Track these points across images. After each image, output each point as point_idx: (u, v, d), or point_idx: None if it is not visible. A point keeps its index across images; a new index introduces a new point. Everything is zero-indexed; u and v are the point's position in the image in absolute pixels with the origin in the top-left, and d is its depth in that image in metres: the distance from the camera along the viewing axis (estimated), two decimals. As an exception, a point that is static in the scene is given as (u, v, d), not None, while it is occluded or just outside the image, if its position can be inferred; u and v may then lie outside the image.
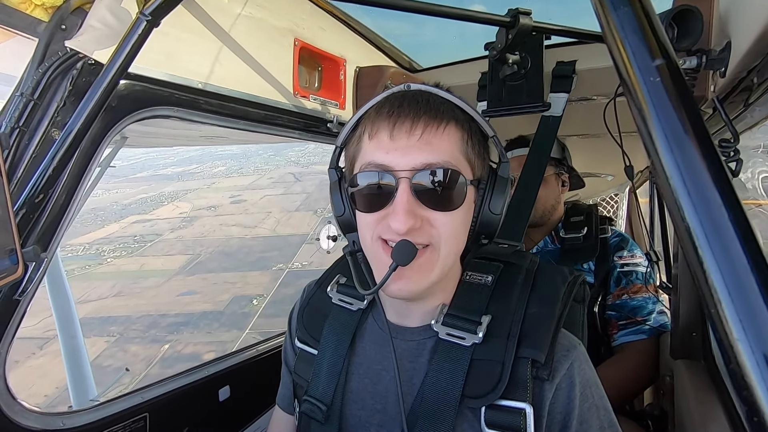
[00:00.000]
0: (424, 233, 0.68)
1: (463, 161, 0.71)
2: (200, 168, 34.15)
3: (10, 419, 0.91)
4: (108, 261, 16.35)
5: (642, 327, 1.54)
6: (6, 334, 0.88)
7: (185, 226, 19.48)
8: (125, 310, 11.88)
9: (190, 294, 12.59)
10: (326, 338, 0.84)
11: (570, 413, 0.69)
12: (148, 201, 24.80)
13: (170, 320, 11.02)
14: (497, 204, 0.73)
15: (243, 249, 15.95)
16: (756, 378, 0.29)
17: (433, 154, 0.67)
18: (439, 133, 0.68)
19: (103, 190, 27.25)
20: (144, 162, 38.97)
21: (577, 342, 0.75)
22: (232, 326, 10.41)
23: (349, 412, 0.80)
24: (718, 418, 1.03)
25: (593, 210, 1.75)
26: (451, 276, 0.78)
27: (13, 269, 0.70)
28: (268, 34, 1.30)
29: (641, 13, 0.39)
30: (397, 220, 0.65)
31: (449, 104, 0.72)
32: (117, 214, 22.61)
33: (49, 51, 0.86)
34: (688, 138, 0.35)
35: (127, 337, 10.59)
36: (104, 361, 9.65)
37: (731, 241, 0.32)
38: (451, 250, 0.71)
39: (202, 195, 25.19)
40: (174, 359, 8.94)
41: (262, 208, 21.31)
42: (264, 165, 32.52)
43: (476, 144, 0.73)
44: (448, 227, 0.69)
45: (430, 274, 0.69)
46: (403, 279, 0.69)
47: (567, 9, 1.36)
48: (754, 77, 0.86)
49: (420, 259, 0.68)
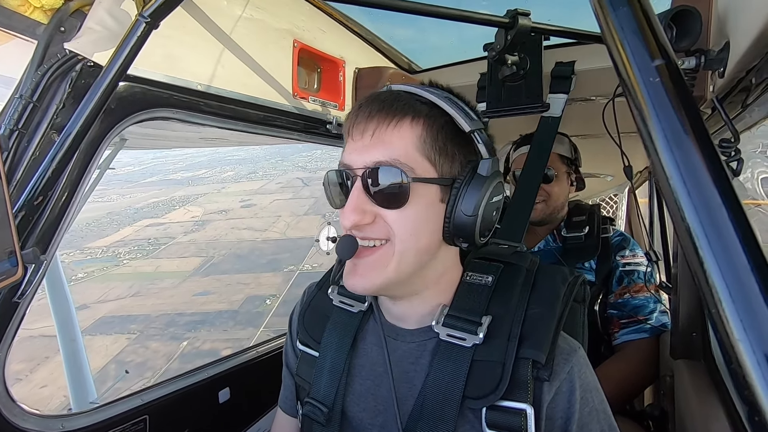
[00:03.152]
0: (379, 229, 0.69)
1: (419, 158, 0.68)
2: (209, 173, 34.59)
3: (9, 422, 0.91)
4: (124, 263, 16.66)
5: (643, 326, 1.54)
6: (5, 337, 0.88)
7: (198, 230, 19.85)
8: (144, 310, 12.19)
9: (205, 294, 12.85)
10: (327, 340, 0.84)
11: (570, 417, 0.68)
12: (159, 205, 25.22)
13: (187, 319, 11.31)
14: (469, 203, 0.69)
15: (255, 251, 16.23)
16: (757, 378, 0.29)
17: (383, 152, 0.68)
18: (389, 131, 0.68)
19: (118, 195, 27.81)
20: (153, 167, 39.49)
21: (577, 346, 0.75)
22: (247, 324, 10.64)
23: (351, 414, 0.79)
24: (718, 418, 1.03)
25: (595, 210, 1.76)
26: (441, 275, 0.77)
27: (13, 271, 0.70)
28: (268, 36, 1.31)
29: (640, 13, 0.39)
30: (343, 215, 0.69)
31: (411, 102, 0.70)
32: (130, 217, 23.06)
33: (48, 53, 0.86)
34: (688, 138, 0.35)
35: (147, 334, 10.87)
36: (127, 357, 9.92)
37: (732, 241, 0.32)
38: (409, 246, 0.69)
39: (213, 199, 25.61)
40: (193, 355, 9.19)
41: (272, 212, 21.65)
42: (272, 170, 32.84)
43: (442, 140, 0.70)
44: (400, 224, 0.68)
45: (384, 270, 0.69)
46: (357, 275, 0.70)
47: (566, 10, 1.36)
48: (752, 77, 0.86)
49: (374, 254, 0.69)
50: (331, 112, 1.58)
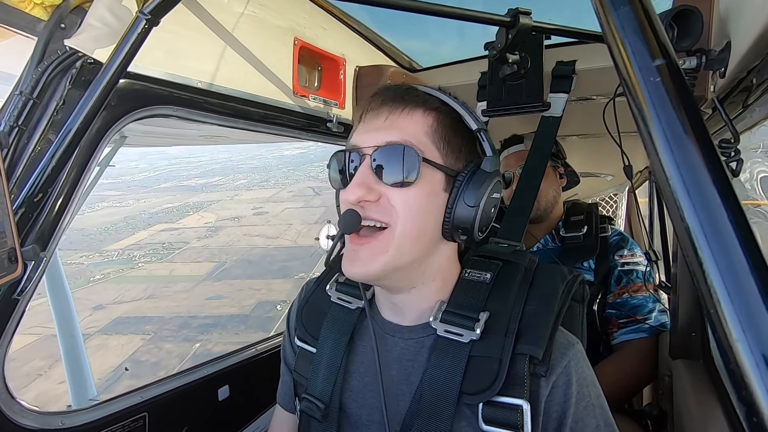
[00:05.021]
0: (381, 209, 0.70)
1: (428, 144, 0.71)
2: (223, 180, 35.16)
3: (9, 418, 0.91)
4: (140, 265, 17.02)
5: (642, 326, 1.54)
6: (5, 333, 0.88)
7: (211, 235, 20.29)
8: (158, 311, 12.51)
9: (217, 298, 13.20)
10: (325, 336, 0.84)
11: (566, 411, 0.69)
12: (174, 210, 25.75)
13: (200, 321, 11.65)
14: (472, 196, 0.71)
15: (266, 258, 16.57)
16: (755, 378, 0.29)
17: (395, 134, 0.70)
18: (403, 116, 0.72)
19: (134, 200, 28.40)
20: (168, 173, 40.11)
21: (576, 340, 0.75)
22: (258, 328, 10.91)
23: (349, 410, 0.80)
24: (716, 418, 1.04)
25: (593, 209, 1.75)
26: (438, 271, 0.77)
27: (12, 268, 0.70)
28: (268, 34, 1.30)
29: (641, 13, 0.39)
30: (348, 190, 0.70)
31: (422, 94, 0.74)
32: (145, 222, 23.57)
33: (49, 50, 0.86)
34: (688, 138, 0.35)
35: (161, 335, 11.16)
36: (141, 356, 10.18)
37: (731, 242, 0.32)
38: (409, 232, 0.70)
39: (226, 206, 26.12)
40: (205, 356, 9.59)
41: (283, 220, 22.06)
42: (284, 179, 33.27)
43: (450, 134, 0.73)
44: (402, 204, 0.69)
45: (383, 256, 0.69)
46: (357, 261, 0.71)
47: (567, 9, 1.36)
48: (753, 78, 0.86)
49: (374, 241, 0.70)
50: (332, 110, 1.58)
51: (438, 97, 0.75)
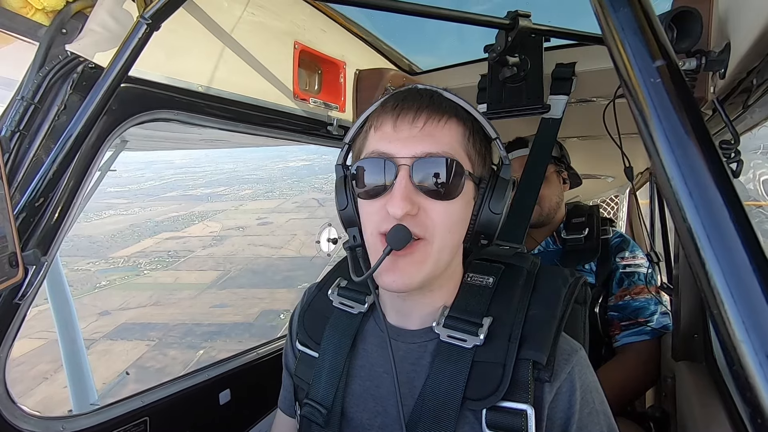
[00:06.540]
0: (419, 223, 0.68)
1: (463, 155, 0.72)
2: (228, 190, 35.54)
3: (10, 423, 0.91)
4: (145, 273, 17.15)
5: (644, 328, 1.54)
6: (6, 338, 0.88)
7: (215, 244, 20.50)
8: (163, 318, 12.62)
9: (222, 306, 13.32)
10: (327, 341, 0.84)
11: (570, 418, 0.68)
12: (179, 219, 26.05)
13: (204, 329, 11.77)
14: (497, 204, 0.72)
15: (270, 267, 16.70)
16: (759, 379, 0.29)
17: (433, 145, 0.68)
18: (440, 126, 0.70)
19: (140, 208, 28.72)
20: (174, 182, 40.55)
21: (579, 347, 0.75)
22: (261, 337, 11.13)
23: (350, 415, 0.79)
24: (720, 419, 1.03)
25: (594, 211, 1.75)
26: (451, 275, 0.78)
27: (13, 273, 0.70)
28: (269, 37, 1.31)
29: (641, 14, 0.39)
30: (393, 204, 0.67)
31: (451, 103, 0.73)
32: (151, 230, 23.81)
33: (50, 55, 0.86)
34: (689, 139, 0.35)
35: (165, 342, 11.26)
36: (146, 362, 10.27)
37: (733, 242, 0.31)
38: (446, 243, 0.70)
39: (231, 216, 26.39)
40: (209, 363, 9.86)
41: (287, 230, 22.27)
42: (289, 190, 33.52)
43: (477, 143, 0.74)
44: (443, 217, 0.69)
45: (423, 266, 0.69)
46: (397, 271, 0.69)
47: (566, 11, 1.36)
48: (753, 78, 0.86)
49: (413, 251, 0.69)
50: (332, 113, 1.58)
51: (463, 107, 0.75)
